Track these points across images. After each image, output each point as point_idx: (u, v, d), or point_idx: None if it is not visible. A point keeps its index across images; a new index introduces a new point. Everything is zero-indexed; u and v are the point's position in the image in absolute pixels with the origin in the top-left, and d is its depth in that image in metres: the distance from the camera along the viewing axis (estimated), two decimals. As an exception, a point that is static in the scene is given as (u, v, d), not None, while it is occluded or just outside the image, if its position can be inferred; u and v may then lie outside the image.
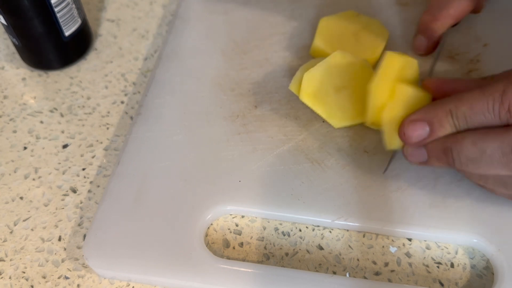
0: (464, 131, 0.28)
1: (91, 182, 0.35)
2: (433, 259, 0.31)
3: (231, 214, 0.33)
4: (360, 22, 0.39)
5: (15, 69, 0.42)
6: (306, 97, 0.35)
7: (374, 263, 0.31)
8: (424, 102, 0.31)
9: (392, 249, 0.31)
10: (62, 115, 0.39)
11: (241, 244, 0.32)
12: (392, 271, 0.30)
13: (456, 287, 0.30)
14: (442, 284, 0.30)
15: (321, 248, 0.31)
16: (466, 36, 0.41)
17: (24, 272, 0.31)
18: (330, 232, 0.32)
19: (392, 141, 0.32)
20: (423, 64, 0.40)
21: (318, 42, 0.38)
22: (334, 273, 0.30)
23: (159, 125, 0.36)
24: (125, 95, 0.40)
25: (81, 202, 0.34)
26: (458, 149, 0.28)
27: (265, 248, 0.31)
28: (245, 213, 0.32)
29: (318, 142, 0.35)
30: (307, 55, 0.40)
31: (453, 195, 0.32)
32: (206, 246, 0.31)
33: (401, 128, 0.30)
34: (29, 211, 0.34)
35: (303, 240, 0.32)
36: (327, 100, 0.35)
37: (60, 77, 0.41)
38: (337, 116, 0.35)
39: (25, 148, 0.37)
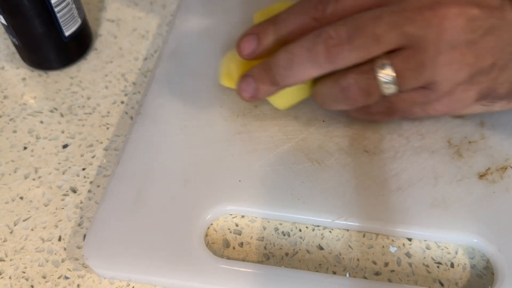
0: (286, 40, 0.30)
1: (91, 182, 0.35)
2: (433, 259, 0.31)
3: (231, 214, 0.33)
4: None
5: (15, 69, 0.42)
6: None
7: (374, 263, 0.31)
8: None
9: (392, 249, 0.31)
10: (62, 115, 0.39)
11: (241, 244, 0.32)
12: (392, 271, 0.30)
13: (456, 287, 0.30)
14: (442, 284, 0.30)
15: (321, 248, 0.31)
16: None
17: (24, 272, 0.31)
18: (330, 232, 0.32)
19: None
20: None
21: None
22: (334, 273, 0.30)
23: (159, 125, 0.36)
24: (125, 95, 0.40)
25: (81, 202, 0.34)
26: (274, 61, 0.30)
27: (265, 248, 0.31)
28: (245, 213, 0.32)
29: (318, 142, 0.35)
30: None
31: (453, 195, 0.32)
32: (206, 246, 0.31)
33: (237, 45, 0.32)
34: (29, 211, 0.34)
35: (303, 240, 0.32)
36: None
37: (60, 77, 0.42)
38: (282, 96, 0.34)
39: (25, 148, 0.37)
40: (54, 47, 0.40)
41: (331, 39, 0.28)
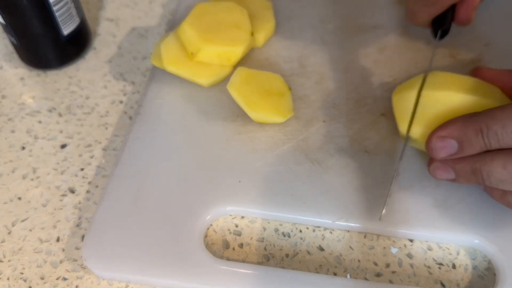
0: (493, 150, 0.28)
1: (89, 183, 0.35)
2: (434, 260, 0.31)
3: (231, 215, 0.33)
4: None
5: (14, 68, 0.42)
6: (169, 65, 0.36)
7: (375, 264, 0.30)
8: (465, 106, 0.30)
9: (393, 250, 0.31)
10: (60, 115, 0.39)
11: (241, 245, 0.31)
12: (393, 272, 0.30)
13: (457, 288, 0.30)
14: (443, 285, 0.30)
15: (321, 249, 0.31)
16: (467, 36, 0.41)
17: (22, 273, 0.31)
18: (331, 233, 0.32)
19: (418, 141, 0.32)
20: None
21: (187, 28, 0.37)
22: (335, 274, 0.30)
23: (158, 125, 0.36)
24: (124, 94, 0.40)
25: (79, 203, 0.34)
26: (488, 170, 0.28)
27: (265, 249, 0.31)
28: (245, 214, 0.32)
29: (319, 142, 0.35)
30: (304, 55, 0.40)
31: (454, 195, 0.32)
32: (206, 247, 0.31)
33: (429, 143, 0.30)
34: (27, 212, 0.33)
35: (304, 241, 0.31)
36: (190, 63, 0.37)
37: (59, 77, 0.41)
38: (203, 75, 0.36)
39: (23, 148, 0.37)
40: (53, 47, 0.40)
41: None
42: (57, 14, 0.37)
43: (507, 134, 0.27)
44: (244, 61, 0.39)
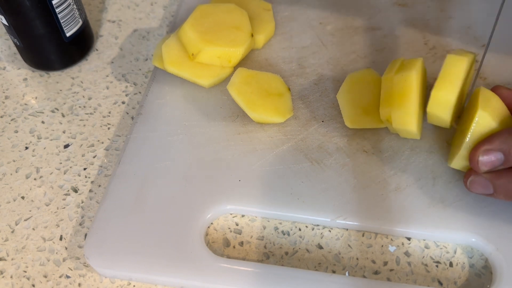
0: None
1: (92, 182, 0.35)
2: (432, 258, 0.31)
3: (231, 214, 0.33)
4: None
5: (17, 69, 0.42)
6: (170, 66, 0.37)
7: (373, 262, 0.31)
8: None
9: (391, 248, 0.31)
10: (63, 115, 0.39)
11: (241, 243, 0.32)
12: (391, 270, 0.31)
13: (454, 286, 0.30)
14: (441, 283, 0.30)
15: (320, 247, 0.31)
16: (464, 37, 0.41)
17: (25, 271, 0.31)
18: (330, 231, 0.32)
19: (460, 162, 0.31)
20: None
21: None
22: (334, 272, 0.30)
23: (159, 125, 0.36)
24: (126, 95, 0.40)
25: (82, 202, 0.34)
26: None
27: (265, 247, 0.32)
28: (245, 213, 0.33)
29: (317, 142, 0.35)
30: (303, 56, 0.40)
31: (451, 194, 0.32)
32: (206, 245, 0.31)
33: (474, 157, 0.30)
34: (30, 211, 0.34)
35: (303, 239, 0.32)
36: (190, 63, 0.37)
37: (62, 78, 0.42)
38: (204, 75, 0.37)
39: (26, 148, 0.37)
40: (55, 48, 0.40)
41: None
42: (59, 16, 0.38)
43: None
44: (244, 62, 0.40)
